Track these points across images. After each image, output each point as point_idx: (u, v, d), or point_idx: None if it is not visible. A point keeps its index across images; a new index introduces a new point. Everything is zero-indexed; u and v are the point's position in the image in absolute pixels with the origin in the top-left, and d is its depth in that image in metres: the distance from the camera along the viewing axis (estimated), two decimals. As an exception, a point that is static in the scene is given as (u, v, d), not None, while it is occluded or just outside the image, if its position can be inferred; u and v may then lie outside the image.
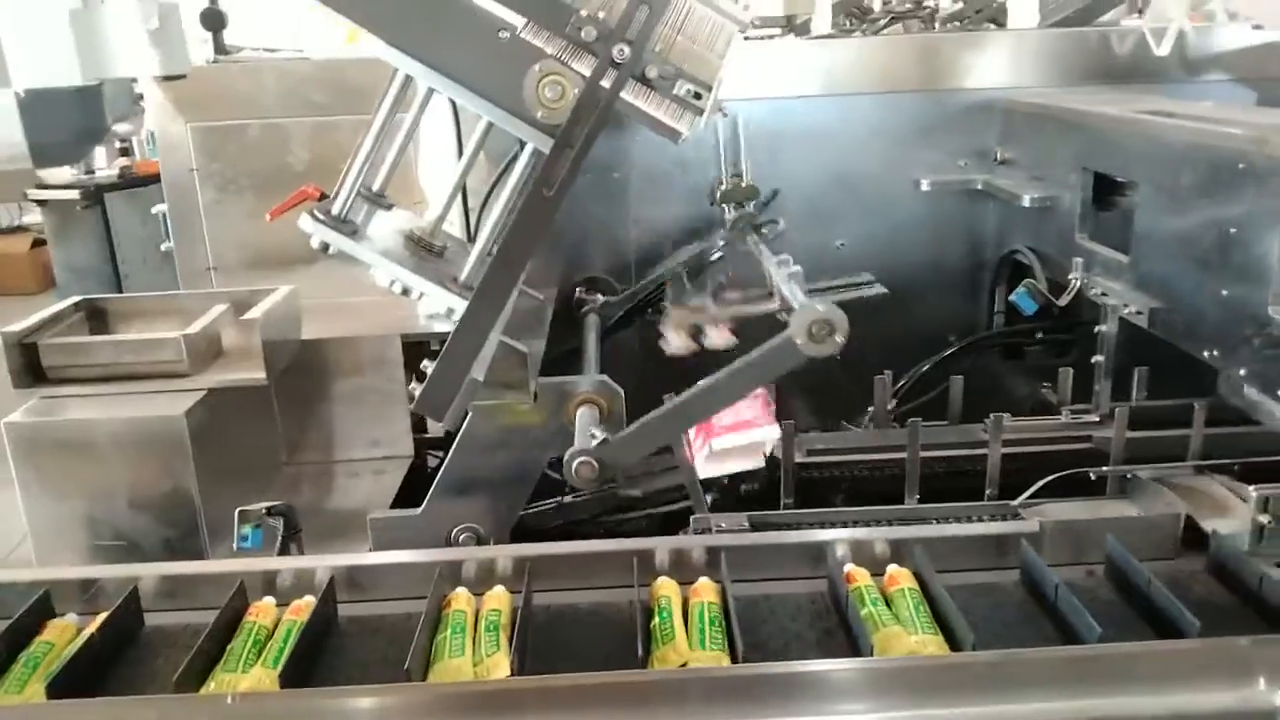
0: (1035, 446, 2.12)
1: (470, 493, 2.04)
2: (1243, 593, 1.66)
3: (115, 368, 2.21)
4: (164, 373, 2.22)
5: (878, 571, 1.73)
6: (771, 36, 3.80)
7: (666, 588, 1.66)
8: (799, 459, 2.13)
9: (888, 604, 1.63)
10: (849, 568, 1.71)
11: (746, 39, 3.45)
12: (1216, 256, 1.80)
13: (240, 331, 2.33)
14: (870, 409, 2.34)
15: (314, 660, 1.59)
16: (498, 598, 1.68)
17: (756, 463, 2.00)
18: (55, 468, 2.11)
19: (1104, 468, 1.99)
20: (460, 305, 1.79)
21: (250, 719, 1.39)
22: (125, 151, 6.60)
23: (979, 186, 2.78)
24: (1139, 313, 2.02)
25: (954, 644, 1.52)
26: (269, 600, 1.69)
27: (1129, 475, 1.99)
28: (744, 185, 2.67)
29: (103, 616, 1.62)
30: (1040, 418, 2.20)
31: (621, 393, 1.97)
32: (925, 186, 2.82)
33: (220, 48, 3.12)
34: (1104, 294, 2.15)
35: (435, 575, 1.68)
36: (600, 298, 2.84)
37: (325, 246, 1.87)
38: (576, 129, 1.59)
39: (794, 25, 4.73)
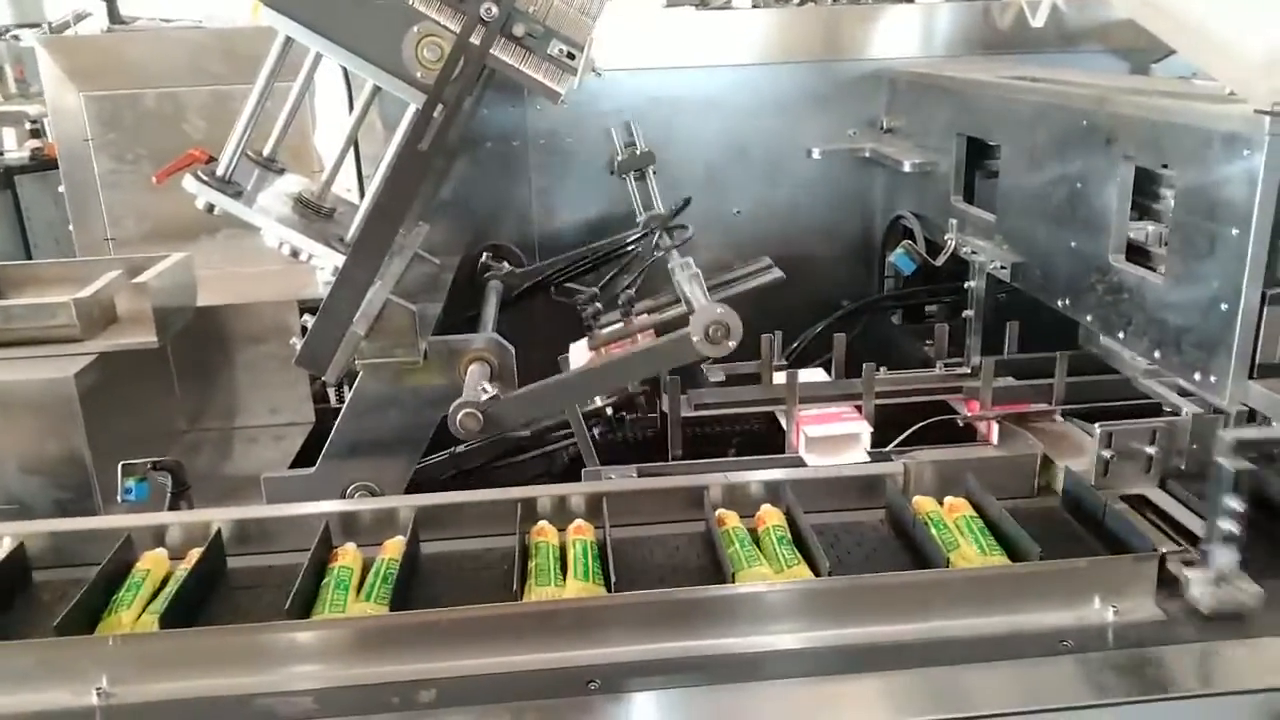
0: (909, 398, 2.21)
1: (364, 451, 2.08)
2: (1090, 524, 1.77)
3: (5, 333, 2.20)
4: (55, 338, 2.22)
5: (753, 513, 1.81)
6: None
7: (546, 532, 1.72)
8: (687, 414, 2.20)
9: (756, 542, 1.71)
10: (720, 511, 1.79)
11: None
12: (1066, 210, 1.90)
13: (134, 297, 2.32)
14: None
15: (199, 608, 1.62)
16: (390, 546, 1.73)
17: (858, 456, 2.02)
18: (-57, 432, 2.10)
19: (969, 413, 2.09)
20: (348, 264, 1.83)
21: (129, 660, 1.42)
22: (36, 133, 6.42)
23: (867, 154, 2.88)
24: (1003, 268, 2.12)
25: (817, 573, 1.61)
26: (160, 551, 1.72)
27: (995, 421, 2.09)
28: (639, 153, 2.73)
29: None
30: (915, 370, 2.29)
31: (512, 350, 2.02)
32: (816, 155, 2.91)
33: (115, 16, 3.09)
34: (974, 252, 2.25)
35: (323, 525, 1.73)
36: (505, 265, 2.89)
37: (210, 207, 1.90)
38: (447, 84, 1.64)
39: (708, 6, 4.80)
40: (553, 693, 1.41)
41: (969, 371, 2.25)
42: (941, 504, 1.82)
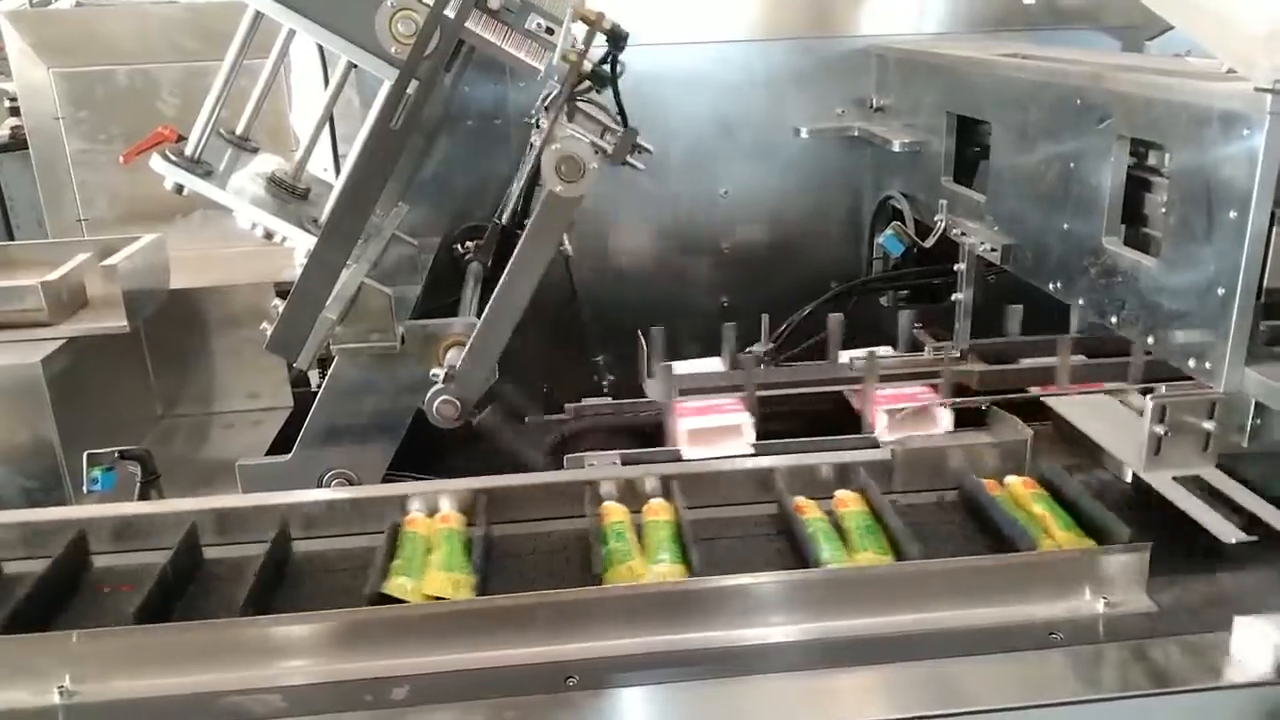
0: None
1: (340, 438, 2.03)
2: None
3: (-29, 318, 2.15)
4: (24, 322, 2.17)
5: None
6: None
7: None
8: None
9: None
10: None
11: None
12: (1058, 191, 1.85)
13: (106, 280, 2.27)
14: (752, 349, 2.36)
15: (176, 599, 1.58)
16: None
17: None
18: (-93, 418, 2.05)
19: (957, 399, 2.05)
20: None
21: (93, 657, 1.38)
22: (17, 111, 6.28)
23: (856, 133, 2.82)
24: (994, 250, 2.07)
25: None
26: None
27: (984, 406, 2.05)
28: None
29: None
30: (905, 354, 2.25)
31: (492, 333, 1.97)
32: (804, 134, 2.85)
33: (85, -9, 3.01)
34: (963, 234, 2.20)
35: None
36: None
37: (179, 188, 1.85)
38: (421, 60, 1.58)
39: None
40: (531, 689, 1.37)
41: (958, 355, 2.20)
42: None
